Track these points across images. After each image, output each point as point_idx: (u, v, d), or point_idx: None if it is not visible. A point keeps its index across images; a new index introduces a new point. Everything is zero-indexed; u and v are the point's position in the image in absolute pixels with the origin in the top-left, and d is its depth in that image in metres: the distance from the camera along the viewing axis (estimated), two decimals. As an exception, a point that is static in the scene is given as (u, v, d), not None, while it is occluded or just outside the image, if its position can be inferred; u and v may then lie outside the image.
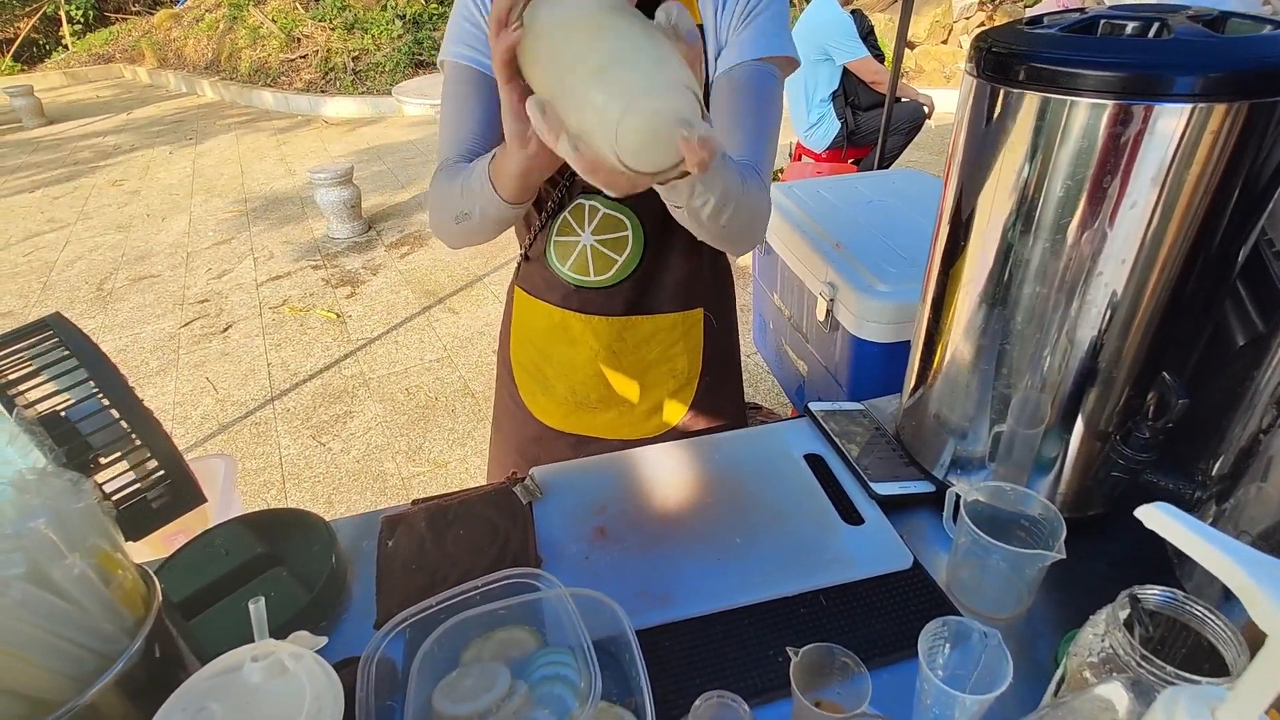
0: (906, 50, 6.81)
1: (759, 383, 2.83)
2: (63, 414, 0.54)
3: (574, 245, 0.93)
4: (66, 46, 11.94)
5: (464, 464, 2.52)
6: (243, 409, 2.88)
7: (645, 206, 0.89)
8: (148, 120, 8.20)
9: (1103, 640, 0.48)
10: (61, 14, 11.81)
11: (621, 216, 0.91)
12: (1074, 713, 0.41)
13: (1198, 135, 0.54)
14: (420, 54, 8.23)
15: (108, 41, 11.68)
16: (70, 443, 0.52)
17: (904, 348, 0.90)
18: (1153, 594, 0.47)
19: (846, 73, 3.30)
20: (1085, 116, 0.57)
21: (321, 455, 2.59)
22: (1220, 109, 0.53)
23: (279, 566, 0.76)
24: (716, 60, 0.85)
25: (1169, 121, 0.54)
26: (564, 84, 0.50)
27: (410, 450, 2.59)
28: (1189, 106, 0.53)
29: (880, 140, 3.14)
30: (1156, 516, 0.32)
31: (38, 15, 11.56)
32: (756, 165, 0.81)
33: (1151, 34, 0.60)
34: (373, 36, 8.44)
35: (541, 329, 1.02)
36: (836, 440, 0.91)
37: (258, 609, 0.45)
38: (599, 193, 0.88)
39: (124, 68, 11.04)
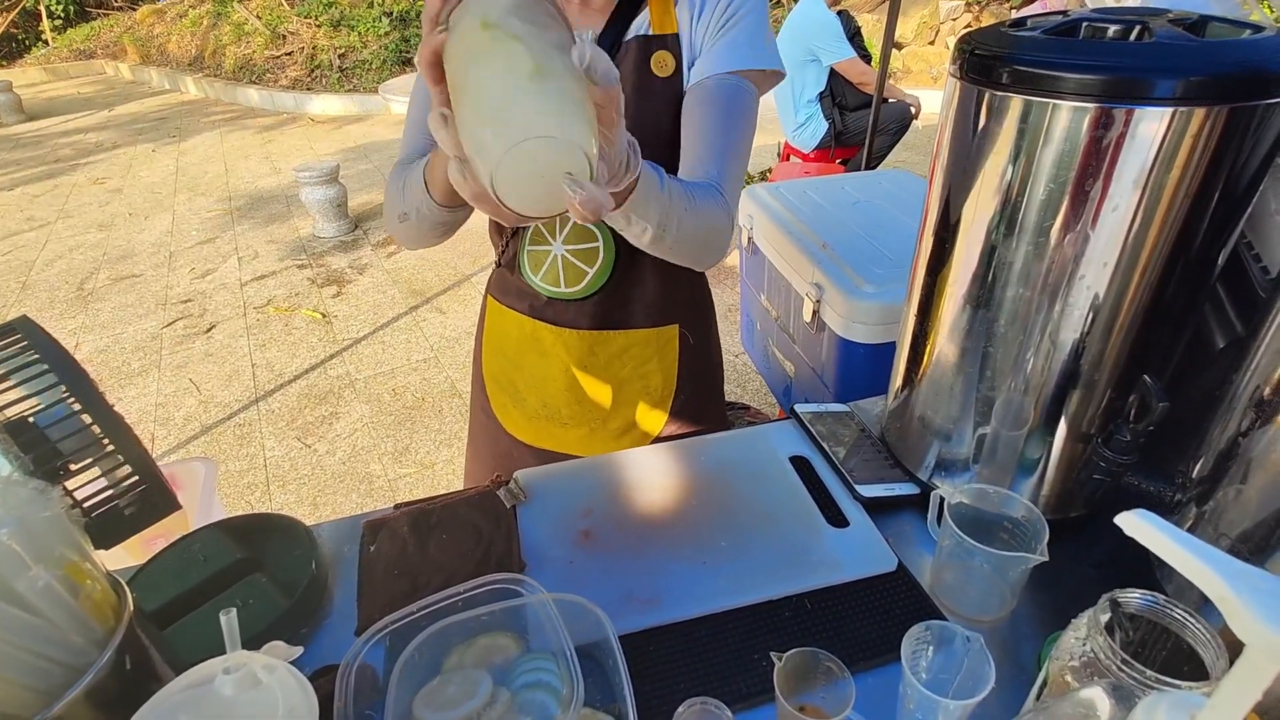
0: (894, 51, 6.84)
1: (746, 383, 2.84)
2: (30, 420, 0.53)
3: (545, 255, 0.91)
4: (47, 42, 11.76)
5: (451, 465, 2.50)
6: (226, 410, 2.85)
7: None
8: (130, 117, 8.09)
9: (1084, 644, 0.48)
10: (41, 9, 11.62)
11: (592, 226, 0.88)
12: (1055, 718, 0.41)
13: (1178, 139, 0.54)
14: (407, 51, 8.18)
15: (89, 37, 11.51)
16: (38, 449, 0.51)
17: (890, 349, 0.90)
18: (1133, 598, 0.48)
19: (834, 73, 3.31)
20: (1068, 119, 0.57)
21: (307, 457, 2.57)
22: (1200, 113, 0.53)
23: (258, 572, 0.75)
24: (690, 70, 0.84)
25: (1150, 125, 0.54)
26: (460, 104, 0.47)
27: (397, 452, 2.57)
28: (1170, 110, 0.53)
29: (868, 140, 3.15)
30: (1136, 524, 0.32)
31: (16, 10, 11.37)
32: (718, 182, 0.78)
33: (1133, 37, 0.60)
34: (359, 34, 8.37)
35: (513, 339, 1.01)
36: (822, 442, 0.90)
37: (229, 620, 0.44)
38: None
39: (106, 64, 10.89)
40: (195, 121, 7.73)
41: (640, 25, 0.82)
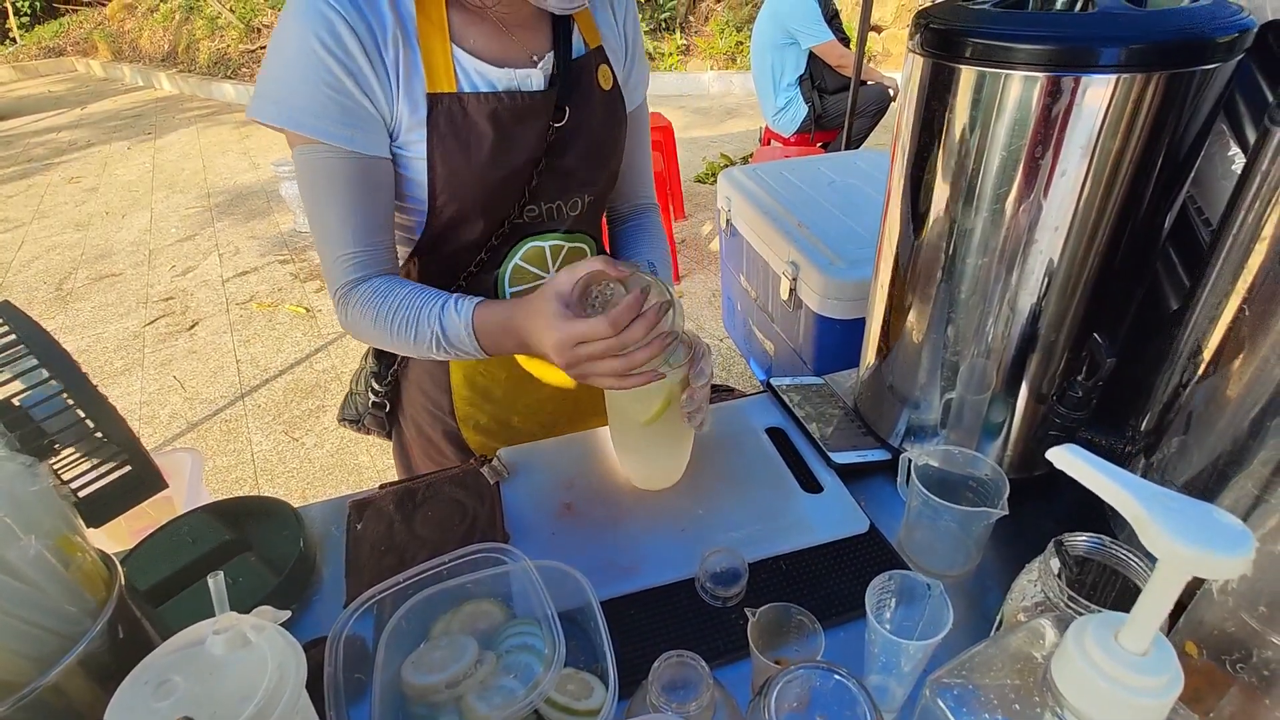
0: (874, 34, 6.86)
1: (731, 366, 2.86)
2: (15, 403, 0.54)
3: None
4: (14, 39, 11.52)
5: (439, 455, 2.51)
6: (212, 407, 2.84)
7: (595, 228, 0.93)
8: (104, 115, 7.96)
9: (1036, 585, 0.51)
10: (8, 5, 11.38)
11: (582, 245, 0.91)
12: (1007, 648, 0.44)
13: (1123, 105, 0.57)
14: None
15: (58, 34, 11.29)
16: (23, 428, 0.52)
17: (865, 324, 0.93)
18: (1080, 540, 0.50)
19: (813, 57, 3.32)
20: (1019, 89, 0.59)
21: (295, 450, 2.57)
22: (1141, 79, 0.55)
23: (247, 552, 0.77)
24: (622, 77, 0.87)
25: (1096, 91, 0.57)
26: (618, 432, 0.83)
27: (385, 444, 2.57)
28: (1114, 77, 0.56)
29: (846, 123, 3.17)
30: (1064, 457, 0.34)
31: (-18, 7, 11.14)
32: (652, 198, 1.00)
33: (1078, 8, 0.62)
34: (335, 26, 8.25)
35: (501, 381, 0.97)
36: (796, 413, 0.93)
37: (217, 583, 0.45)
38: (550, 230, 0.87)
39: (76, 61, 10.69)
40: (170, 118, 7.63)
41: (577, 41, 0.83)
